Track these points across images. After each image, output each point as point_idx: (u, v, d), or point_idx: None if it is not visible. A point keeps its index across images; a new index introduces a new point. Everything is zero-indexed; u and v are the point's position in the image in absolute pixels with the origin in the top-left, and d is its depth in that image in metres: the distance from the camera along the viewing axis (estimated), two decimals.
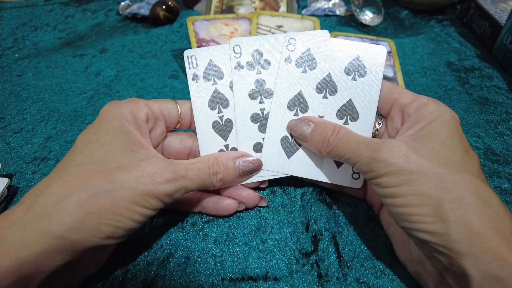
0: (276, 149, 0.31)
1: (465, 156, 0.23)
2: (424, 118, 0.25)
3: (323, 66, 0.30)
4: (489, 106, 0.44)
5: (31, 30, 0.61)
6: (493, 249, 0.19)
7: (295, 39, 0.30)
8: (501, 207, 0.21)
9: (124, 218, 0.23)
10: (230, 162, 0.29)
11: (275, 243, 0.30)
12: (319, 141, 0.28)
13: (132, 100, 0.28)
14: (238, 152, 0.31)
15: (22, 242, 0.20)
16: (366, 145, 0.25)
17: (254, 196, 0.31)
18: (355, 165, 0.26)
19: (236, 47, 0.31)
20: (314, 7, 0.64)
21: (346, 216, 0.32)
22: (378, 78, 0.29)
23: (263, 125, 0.31)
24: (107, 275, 0.27)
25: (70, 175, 0.23)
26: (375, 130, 0.30)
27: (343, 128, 0.28)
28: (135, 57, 0.54)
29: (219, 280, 0.27)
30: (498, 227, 0.20)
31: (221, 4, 0.59)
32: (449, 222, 0.20)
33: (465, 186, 0.21)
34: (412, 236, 0.23)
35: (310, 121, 0.30)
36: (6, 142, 0.40)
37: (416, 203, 0.22)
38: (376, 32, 0.59)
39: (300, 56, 0.30)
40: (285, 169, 0.31)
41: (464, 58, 0.53)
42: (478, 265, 0.20)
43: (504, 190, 0.34)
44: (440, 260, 0.22)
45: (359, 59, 0.29)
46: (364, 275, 0.28)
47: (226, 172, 0.29)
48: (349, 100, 0.30)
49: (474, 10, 0.57)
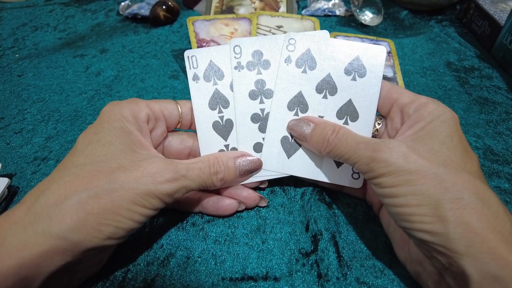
0: (276, 149, 0.31)
1: (464, 156, 0.23)
2: (423, 118, 0.25)
3: (323, 66, 0.30)
4: (489, 106, 0.44)
5: (31, 30, 0.61)
6: (492, 249, 0.20)
7: (295, 39, 0.30)
8: (500, 207, 0.21)
9: (124, 219, 0.23)
10: (230, 161, 0.29)
11: (275, 243, 0.30)
12: (318, 141, 0.28)
13: (133, 101, 0.28)
14: (238, 152, 0.31)
15: (23, 242, 0.20)
16: (366, 145, 0.25)
17: (254, 196, 0.31)
18: (355, 165, 0.26)
19: (237, 48, 0.31)
20: (314, 7, 0.64)
21: (346, 216, 0.32)
22: (378, 78, 0.29)
23: (263, 125, 0.32)
24: (107, 275, 0.27)
25: (70, 175, 0.23)
26: (375, 130, 0.30)
27: (342, 128, 0.28)
28: (135, 57, 0.54)
29: (219, 280, 0.27)
30: (497, 227, 0.20)
31: (221, 5, 0.59)
32: (448, 222, 0.20)
33: (464, 186, 0.21)
34: (412, 236, 0.23)
35: (310, 121, 0.30)
36: (7, 142, 0.40)
37: (415, 203, 0.22)
38: (375, 32, 0.59)
39: (300, 57, 0.30)
40: (285, 169, 0.31)
41: (464, 58, 0.53)
42: (477, 264, 0.20)
43: (503, 190, 0.34)
44: (439, 260, 0.22)
45: (359, 59, 0.30)
46: (364, 275, 0.28)
47: (226, 171, 0.29)
48: (349, 100, 0.30)
49: (473, 10, 0.57)
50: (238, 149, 0.32)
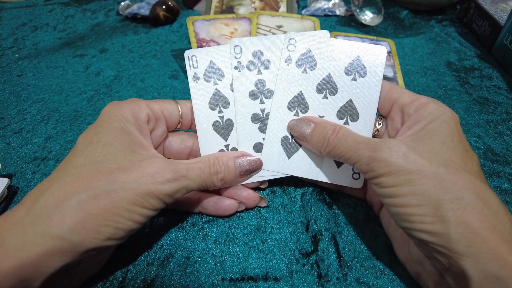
0: (276, 149, 0.31)
1: (464, 156, 0.23)
2: (424, 118, 0.25)
3: (323, 66, 0.30)
4: (489, 106, 0.44)
5: (31, 30, 0.61)
6: (492, 249, 0.20)
7: (296, 39, 0.30)
8: (500, 207, 0.21)
9: (124, 219, 0.23)
10: (230, 161, 0.29)
11: (275, 243, 0.30)
12: (319, 141, 0.28)
13: (133, 101, 0.28)
14: (239, 152, 0.31)
15: (22, 243, 0.20)
16: (366, 145, 0.25)
17: (254, 196, 0.31)
18: (355, 165, 0.26)
19: (237, 48, 0.31)
20: (314, 7, 0.64)
21: (346, 216, 0.32)
22: (378, 78, 0.29)
23: (263, 125, 0.31)
24: (107, 275, 0.27)
25: (70, 176, 0.23)
26: (375, 130, 0.30)
27: (343, 128, 0.28)
28: (135, 57, 0.54)
29: (219, 280, 0.27)
30: (497, 227, 0.20)
31: (221, 4, 0.59)
32: (448, 222, 0.20)
33: (464, 186, 0.21)
34: (412, 236, 0.23)
35: (310, 121, 0.30)
36: (6, 142, 0.40)
37: (416, 203, 0.22)
38: (376, 32, 0.59)
39: (301, 57, 0.30)
40: (285, 169, 0.31)
41: (464, 58, 0.53)
42: (477, 265, 0.20)
43: (504, 190, 0.34)
44: (439, 260, 0.22)
45: (359, 59, 0.30)
46: (364, 275, 0.28)
47: (226, 171, 0.29)
48: (349, 100, 0.30)
49: (474, 10, 0.57)
50: (238, 149, 0.32)
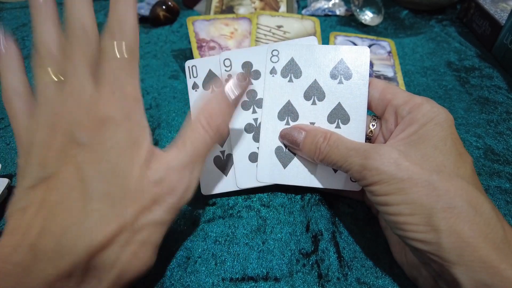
0: (271, 161, 0.31)
1: (458, 160, 0.23)
2: (417, 121, 0.24)
3: (308, 73, 0.30)
4: (489, 106, 0.44)
5: (31, 31, 0.61)
6: (484, 258, 0.20)
7: (278, 50, 0.31)
8: (492, 214, 0.21)
9: None
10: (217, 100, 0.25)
11: (276, 243, 0.30)
12: (311, 149, 0.28)
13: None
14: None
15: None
16: (357, 152, 0.25)
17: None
18: (348, 172, 0.25)
19: (226, 61, 0.32)
20: (314, 7, 0.64)
21: (346, 216, 0.32)
22: (365, 79, 0.29)
23: (257, 135, 0.32)
24: None
25: None
26: (369, 131, 0.30)
27: (334, 134, 0.27)
28: None
29: (219, 280, 0.27)
30: (489, 235, 0.20)
31: (221, 4, 0.59)
32: (441, 232, 0.21)
33: (456, 194, 0.21)
34: (406, 243, 0.23)
35: (302, 129, 0.29)
36: (6, 142, 0.40)
37: (408, 212, 0.22)
38: (376, 32, 0.59)
39: (285, 66, 0.31)
40: (283, 180, 0.31)
41: (464, 58, 0.52)
42: (468, 273, 0.20)
43: (504, 190, 0.34)
44: (433, 267, 0.22)
45: (343, 62, 0.30)
46: (364, 275, 0.28)
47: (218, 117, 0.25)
48: (338, 103, 0.30)
49: (474, 10, 0.57)
50: (234, 157, 0.32)
